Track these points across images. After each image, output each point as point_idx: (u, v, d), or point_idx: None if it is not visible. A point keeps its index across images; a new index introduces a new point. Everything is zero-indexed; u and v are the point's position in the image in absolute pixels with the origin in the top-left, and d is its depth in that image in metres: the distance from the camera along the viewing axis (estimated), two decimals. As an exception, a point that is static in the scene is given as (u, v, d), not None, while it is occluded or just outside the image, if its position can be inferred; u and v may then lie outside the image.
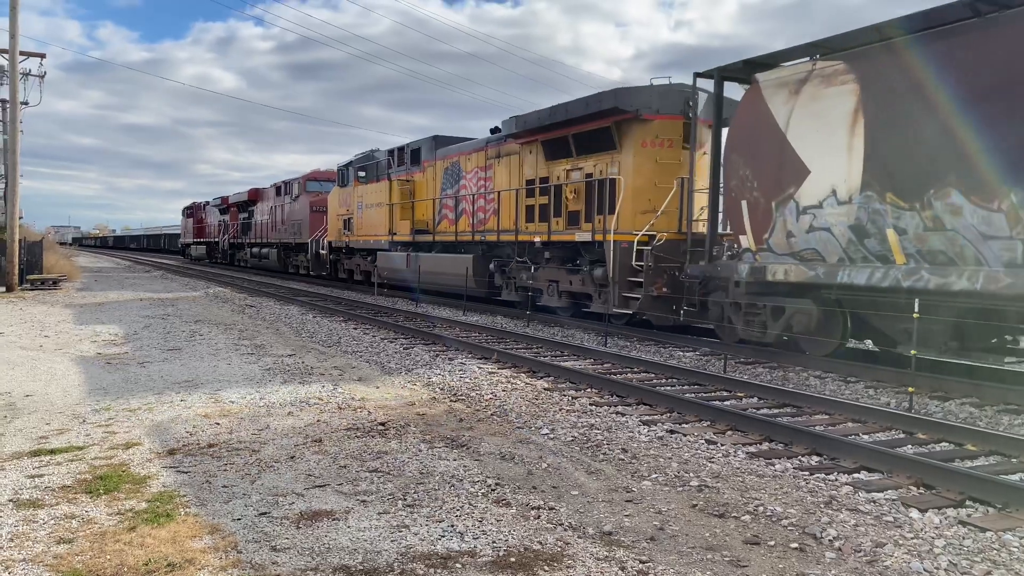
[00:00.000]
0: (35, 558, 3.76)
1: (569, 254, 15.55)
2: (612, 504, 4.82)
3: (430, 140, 21.38)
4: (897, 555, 4.12)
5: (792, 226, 10.44)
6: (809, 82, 10.44)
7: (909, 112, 9.10)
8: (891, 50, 9.47)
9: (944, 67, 8.77)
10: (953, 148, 8.53)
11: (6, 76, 25.63)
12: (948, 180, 8.57)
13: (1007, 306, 8.21)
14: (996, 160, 8.14)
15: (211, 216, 51.18)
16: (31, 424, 6.55)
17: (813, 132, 10.18)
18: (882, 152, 9.32)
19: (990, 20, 8.50)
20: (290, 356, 10.70)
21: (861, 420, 7.45)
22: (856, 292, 9.76)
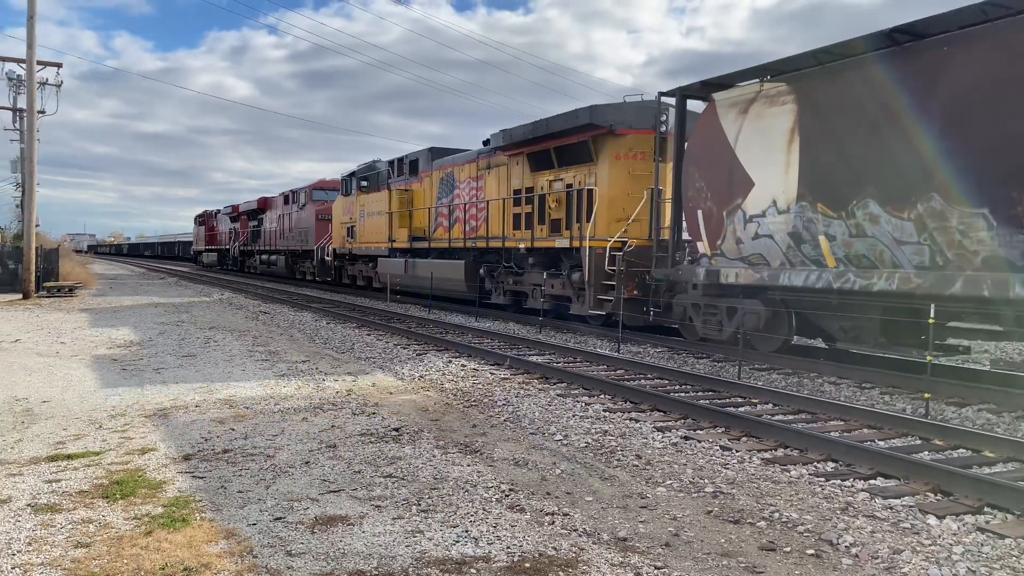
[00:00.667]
0: (53, 562, 3.79)
1: (551, 260, 16.47)
2: (627, 510, 4.80)
3: (427, 152, 22.40)
4: (915, 562, 4.09)
5: (740, 233, 11.38)
6: (756, 102, 11.38)
7: (836, 130, 10.04)
8: (823, 74, 10.47)
9: (864, 91, 9.74)
10: (871, 163, 9.50)
11: (23, 85, 25.92)
12: (867, 192, 9.51)
13: (920, 304, 8.93)
14: (905, 175, 9.09)
15: (222, 224, 52.19)
16: (48, 429, 6.60)
17: (757, 147, 11.09)
18: (814, 166, 10.26)
19: (907, 48, 9.39)
20: (304, 362, 10.74)
21: (877, 426, 7.39)
22: (796, 293, 10.73)
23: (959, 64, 8.74)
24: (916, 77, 9.15)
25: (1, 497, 4.75)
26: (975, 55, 8.62)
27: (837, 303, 10.11)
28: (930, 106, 8.92)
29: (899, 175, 9.19)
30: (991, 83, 8.36)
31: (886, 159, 9.34)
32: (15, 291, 24.08)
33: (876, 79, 9.60)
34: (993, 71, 8.38)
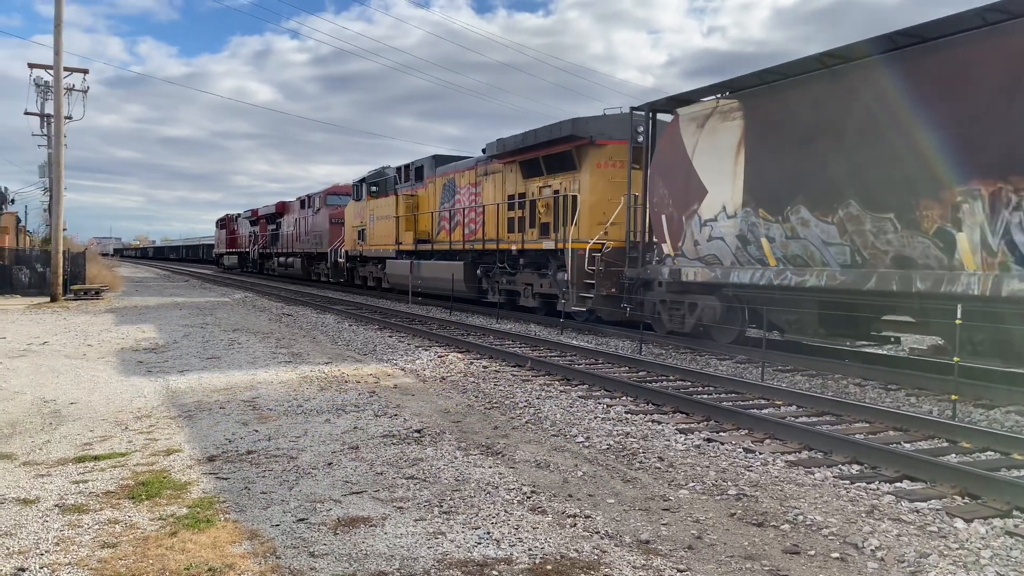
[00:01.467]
0: (80, 562, 3.84)
1: (540, 260, 17.74)
2: (649, 512, 4.78)
3: (431, 159, 23.77)
4: (942, 566, 4.03)
5: (697, 236, 12.57)
6: (712, 117, 12.53)
7: (775, 143, 11.18)
8: (767, 92, 11.55)
9: (798, 107, 10.94)
10: (802, 173, 10.61)
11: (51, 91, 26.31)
12: (799, 199, 10.61)
13: (843, 299, 10.21)
14: (829, 183, 10.16)
15: (242, 227, 53.66)
16: (75, 431, 6.68)
17: (711, 158, 12.25)
18: (756, 175, 11.38)
19: (834, 71, 10.45)
20: (327, 364, 10.80)
21: (903, 428, 7.31)
22: (745, 289, 11.89)
23: (871, 86, 9.83)
24: (838, 96, 10.30)
25: (29, 498, 4.82)
26: (882, 79, 9.69)
27: (780, 298, 11.23)
28: (848, 122, 10.06)
29: (824, 183, 10.25)
30: (894, 104, 9.47)
31: (814, 169, 10.41)
32: (43, 294, 24.43)
33: (807, 97, 10.81)
34: (896, 93, 9.49)
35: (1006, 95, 8.27)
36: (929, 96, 9.09)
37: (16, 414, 7.34)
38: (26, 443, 6.23)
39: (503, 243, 18.89)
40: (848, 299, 10.24)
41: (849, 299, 10.23)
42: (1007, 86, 8.27)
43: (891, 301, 9.85)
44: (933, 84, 9.11)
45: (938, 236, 8.94)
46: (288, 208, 41.86)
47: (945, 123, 8.82)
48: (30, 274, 26.75)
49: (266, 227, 46.45)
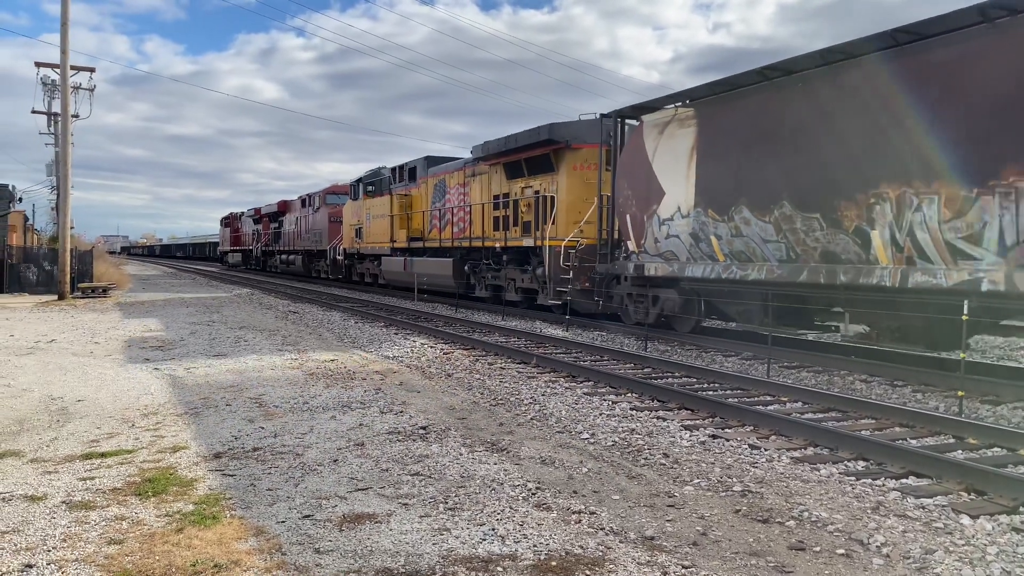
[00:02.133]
0: (87, 558, 3.86)
1: (522, 257, 18.69)
2: (654, 509, 4.78)
3: (424, 160, 24.62)
4: (948, 562, 4.03)
5: (657, 234, 13.54)
6: (671, 124, 13.47)
7: (721, 149, 12.17)
8: (716, 102, 12.57)
9: (740, 116, 11.89)
10: (744, 177, 11.53)
11: (58, 90, 26.39)
12: (742, 200, 11.53)
13: (780, 291, 11.15)
14: (767, 186, 11.10)
15: (246, 226, 54.61)
16: (83, 428, 6.71)
17: (668, 162, 13.20)
18: (706, 178, 12.35)
19: (774, 83, 11.33)
20: (332, 361, 10.82)
21: (909, 424, 7.29)
22: (699, 282, 12.86)
23: (802, 97, 10.87)
24: (775, 106, 11.25)
25: (37, 494, 4.85)
26: (811, 91, 10.70)
27: (728, 290, 12.42)
28: (782, 130, 11.02)
29: (762, 186, 11.19)
30: (819, 115, 10.45)
31: (754, 173, 11.37)
32: (51, 292, 24.55)
33: (750, 107, 11.75)
34: (821, 106, 10.49)
35: (909, 109, 9.23)
36: (847, 108, 10.08)
37: (24, 411, 7.38)
38: (34, 440, 6.27)
39: (488, 241, 19.80)
40: (786, 291, 11.16)
41: (787, 291, 11.14)
42: (910, 101, 9.23)
43: (821, 292, 10.72)
44: (851, 98, 10.07)
45: (856, 234, 9.87)
46: (290, 207, 42.80)
47: (860, 132, 9.83)
48: (38, 272, 26.87)
49: (268, 225, 47.43)
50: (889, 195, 9.38)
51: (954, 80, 8.78)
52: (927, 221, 8.97)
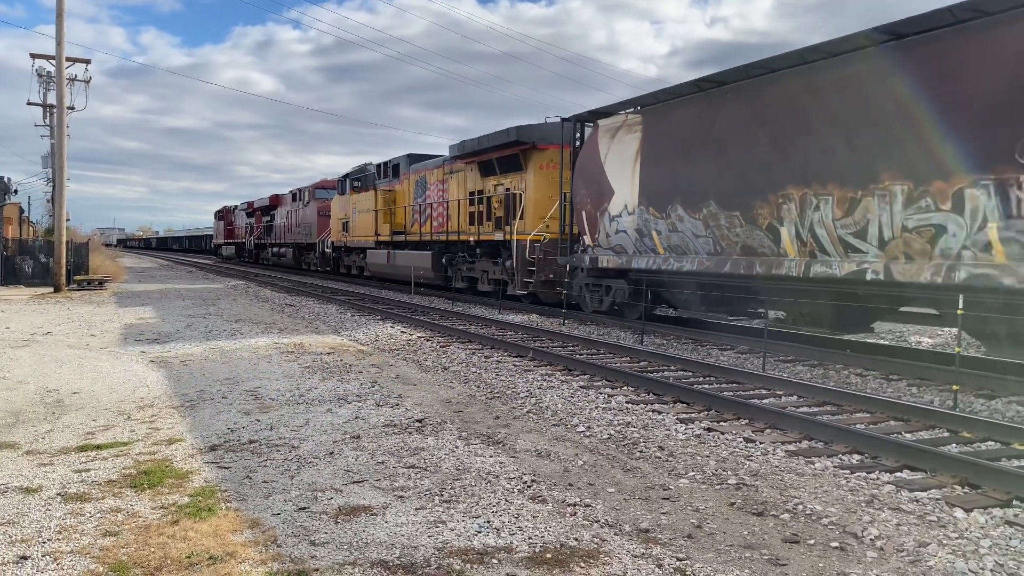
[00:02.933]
0: (82, 550, 3.86)
1: (494, 250, 19.86)
2: (649, 502, 4.80)
3: (406, 157, 25.79)
4: (941, 555, 4.04)
5: (608, 229, 14.78)
6: (621, 129, 14.62)
7: (661, 153, 13.43)
8: (660, 109, 13.83)
9: (676, 123, 13.23)
10: (679, 178, 12.80)
11: (53, 81, 26.27)
12: (677, 199, 12.83)
13: (710, 280, 12.50)
14: (697, 186, 12.31)
15: (239, 219, 55.57)
16: (78, 420, 6.71)
17: (618, 164, 14.39)
18: (648, 179, 13.62)
19: (708, 93, 12.51)
20: (329, 355, 10.82)
21: (904, 418, 7.32)
22: (644, 273, 14.01)
23: (725, 107, 12.05)
24: (704, 115, 12.42)
25: (32, 486, 4.84)
26: (735, 103, 11.83)
27: (668, 280, 13.68)
28: (709, 137, 12.17)
29: (694, 186, 12.39)
30: (740, 124, 11.63)
31: (688, 175, 12.56)
32: (47, 284, 24.49)
33: (685, 115, 12.98)
34: (742, 115, 11.64)
35: (809, 121, 10.50)
36: (762, 118, 11.28)
37: (19, 403, 7.37)
38: (29, 432, 6.26)
39: (464, 235, 21.06)
40: (715, 280, 12.40)
41: (716, 280, 12.37)
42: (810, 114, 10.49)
43: (742, 282, 11.91)
44: (765, 109, 11.27)
45: (769, 230, 11.09)
46: (281, 201, 43.72)
47: (771, 140, 11.02)
48: (34, 264, 26.80)
49: (261, 219, 48.30)
50: (794, 196, 10.62)
51: (843, 97, 10.01)
52: (824, 219, 10.23)
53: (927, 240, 8.98)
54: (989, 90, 8.29)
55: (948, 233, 8.74)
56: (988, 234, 8.33)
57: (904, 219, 9.17)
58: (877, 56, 9.69)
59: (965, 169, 8.50)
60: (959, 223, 8.62)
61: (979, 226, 8.41)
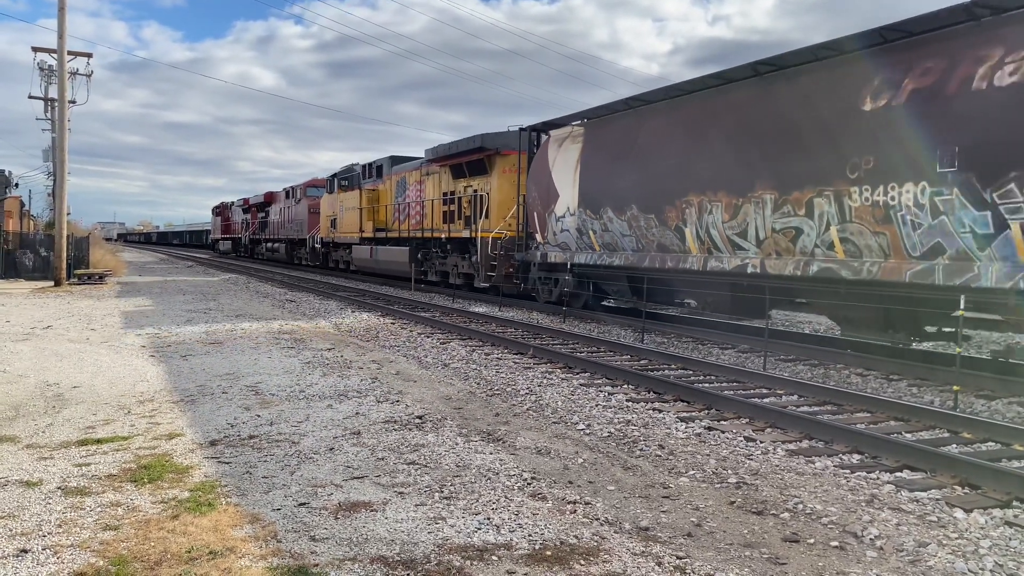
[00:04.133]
0: (82, 544, 3.86)
1: (463, 247, 21.37)
2: (649, 500, 4.80)
3: (389, 159, 27.33)
4: (941, 555, 4.04)
5: (554, 228, 16.60)
6: (567, 139, 16.43)
7: (596, 162, 15.17)
8: (598, 123, 15.77)
9: (609, 136, 15.10)
10: (609, 184, 14.58)
11: (55, 75, 26.25)
12: (608, 203, 14.62)
13: (636, 273, 14.12)
14: (622, 192, 14.16)
15: (236, 215, 57.29)
16: (78, 414, 6.71)
17: (562, 171, 16.20)
18: (586, 184, 15.36)
19: (638, 111, 14.38)
20: (329, 350, 10.82)
21: (904, 418, 7.31)
22: (584, 267, 15.82)
23: (646, 124, 13.93)
24: (630, 129, 14.34)
25: (32, 480, 4.84)
26: (652, 119, 13.87)
27: (604, 274, 15.46)
28: (631, 150, 14.05)
29: (621, 192, 14.18)
30: (656, 138, 13.58)
31: (616, 182, 14.35)
32: (47, 278, 24.49)
33: (616, 129, 14.87)
34: (657, 131, 13.61)
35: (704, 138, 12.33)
36: (672, 134, 13.24)
37: (19, 397, 7.37)
38: (29, 426, 6.26)
39: (437, 232, 22.66)
40: (640, 274, 13.92)
41: (640, 274, 13.88)
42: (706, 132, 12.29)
43: (660, 275, 13.59)
44: (675, 126, 13.25)
45: (676, 231, 12.92)
46: (275, 198, 45.22)
47: (678, 153, 12.90)
48: (34, 258, 26.81)
49: (256, 215, 49.80)
50: (694, 202, 12.41)
51: (731, 119, 11.86)
52: (716, 222, 11.99)
53: (790, 240, 10.79)
54: (825, 120, 10.17)
55: (804, 234, 10.52)
56: (831, 235, 10.13)
57: (773, 222, 10.98)
58: (755, 85, 11.66)
59: (813, 182, 10.28)
60: (811, 226, 10.38)
61: (825, 228, 10.19)
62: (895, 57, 9.58)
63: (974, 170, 8.37)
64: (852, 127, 9.75)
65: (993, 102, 8.25)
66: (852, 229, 9.78)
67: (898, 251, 9.31)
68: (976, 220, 8.40)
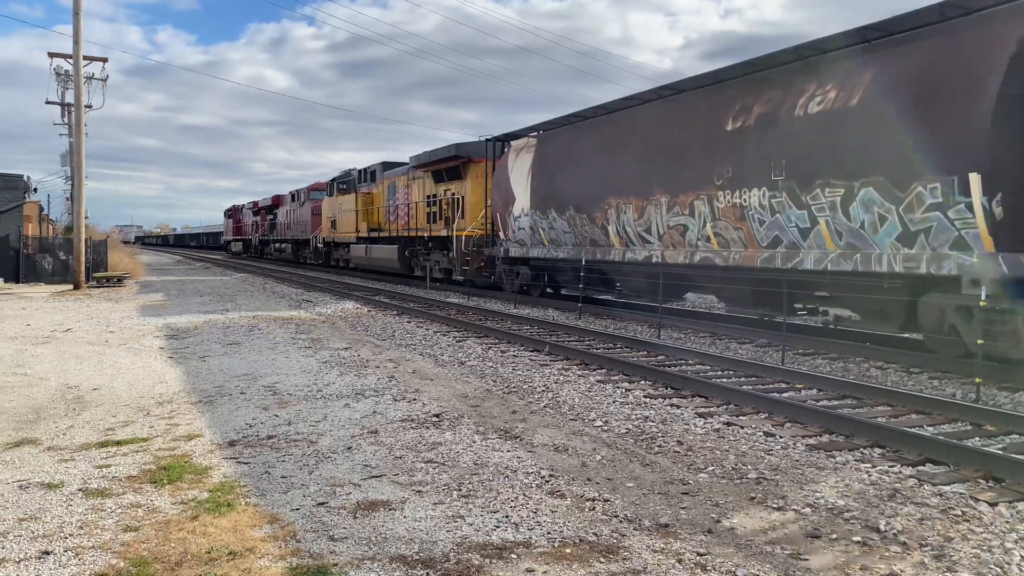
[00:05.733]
0: (103, 545, 3.88)
1: (443, 244, 23.71)
2: (668, 496, 4.77)
3: (381, 164, 30.17)
4: (966, 550, 3.99)
5: (513, 227, 19.05)
6: (524, 149, 18.95)
7: (545, 169, 17.64)
8: (546, 136, 18.43)
9: (553, 147, 17.65)
10: (552, 189, 17.15)
11: (71, 80, 26.46)
12: (552, 204, 17.15)
13: (576, 265, 16.31)
14: (563, 196, 16.73)
15: (246, 217, 60.46)
16: (98, 416, 6.76)
17: (518, 177, 18.61)
18: (536, 189, 17.85)
19: (575, 126, 17.10)
20: (346, 349, 10.84)
21: (925, 411, 7.23)
22: (537, 260, 18.45)
23: (581, 137, 16.55)
24: (569, 142, 16.98)
25: (54, 482, 4.88)
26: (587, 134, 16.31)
27: (552, 266, 18.04)
28: (569, 159, 16.75)
29: (562, 195, 16.74)
30: (588, 150, 16.00)
31: (559, 186, 16.87)
32: (66, 282, 24.69)
33: (559, 141, 17.56)
34: (590, 144, 16.03)
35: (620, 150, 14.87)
36: (599, 147, 15.59)
37: (41, 400, 7.43)
38: (50, 428, 6.31)
39: (421, 231, 25.16)
40: (579, 266, 16.13)
41: (578, 265, 16.17)
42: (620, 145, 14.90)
43: (594, 265, 16.02)
44: (601, 140, 15.60)
45: (603, 228, 15.41)
46: (282, 201, 47.91)
47: (602, 163, 15.34)
48: (53, 262, 27.04)
49: (265, 217, 52.76)
50: (614, 204, 14.92)
51: (637, 136, 14.49)
52: (629, 220, 14.52)
53: (680, 234, 13.31)
54: (701, 137, 12.64)
55: (689, 230, 12.99)
56: (707, 230, 12.54)
57: (667, 220, 13.52)
58: (657, 108, 14.43)
59: (693, 187, 12.73)
60: (694, 223, 12.86)
61: (703, 225, 12.60)
62: (751, 87, 11.95)
63: (795, 178, 10.67)
64: (718, 143, 12.12)
65: (806, 125, 10.53)
66: (721, 225, 12.22)
67: (752, 242, 11.70)
68: (799, 217, 10.74)
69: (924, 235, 9.12)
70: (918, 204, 9.10)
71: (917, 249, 9.21)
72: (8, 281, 25.53)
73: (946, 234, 8.86)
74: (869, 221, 9.71)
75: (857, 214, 9.84)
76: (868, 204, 9.68)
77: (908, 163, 9.13)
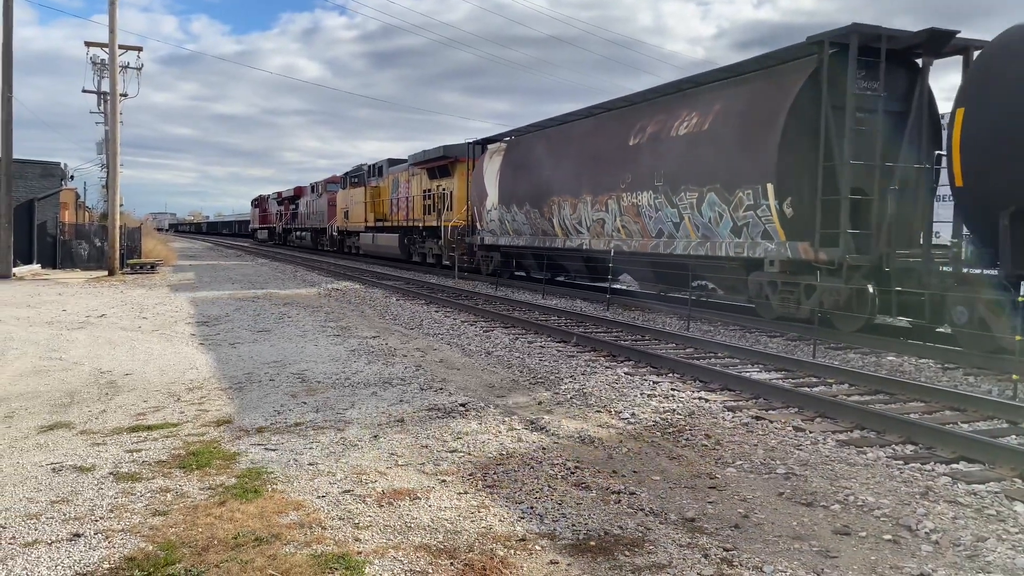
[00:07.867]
0: (132, 529, 3.93)
1: (435, 233, 27.05)
2: (695, 490, 4.72)
3: (387, 161, 33.81)
4: (1000, 550, 3.90)
5: (487, 219, 22.42)
6: (496, 152, 22.20)
7: (509, 170, 20.86)
8: (514, 142, 21.62)
9: (517, 152, 20.91)
10: (514, 187, 20.44)
11: (107, 69, 26.80)
12: (514, 200, 20.41)
13: (534, 251, 20.07)
14: (517, 194, 20.17)
15: (271, 207, 64.40)
16: (130, 401, 6.85)
17: (490, 176, 21.92)
18: (503, 187, 21.12)
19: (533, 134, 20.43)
20: (374, 338, 10.89)
21: (960, 408, 7.09)
22: (506, 248, 21.88)
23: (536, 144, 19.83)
24: (527, 147, 20.34)
25: (86, 465, 4.95)
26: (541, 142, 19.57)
27: (517, 252, 21.50)
28: (528, 162, 19.92)
29: (521, 192, 20.01)
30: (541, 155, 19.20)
31: (519, 184, 20.17)
32: (101, 268, 25.11)
33: (522, 147, 20.75)
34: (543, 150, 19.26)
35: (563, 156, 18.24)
36: (548, 153, 18.90)
37: (75, 384, 7.56)
38: (83, 412, 6.41)
39: (417, 222, 28.91)
40: (536, 252, 19.80)
41: (537, 252, 19.80)
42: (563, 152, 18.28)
43: (545, 252, 19.37)
44: (551, 147, 18.93)
45: (549, 221, 18.69)
46: (303, 192, 52.13)
47: (550, 167, 18.59)
48: (89, 248, 27.50)
49: (288, 207, 56.66)
50: (556, 200, 18.22)
51: (574, 145, 17.88)
52: (567, 215, 17.84)
53: (600, 227, 16.58)
54: (612, 149, 16.03)
55: (607, 223, 16.26)
56: (618, 224, 15.92)
57: (592, 215, 16.79)
58: (588, 123, 17.81)
59: (607, 189, 16.12)
60: (609, 217, 16.16)
61: (615, 219, 15.99)
62: (648, 110, 15.43)
63: (669, 184, 14.10)
64: (624, 155, 15.52)
65: (678, 144, 13.96)
66: (626, 220, 15.62)
67: (646, 233, 15.18)
68: (672, 215, 14.18)
69: (746, 228, 12.50)
70: (740, 205, 12.45)
71: (742, 238, 12.64)
72: (45, 267, 26.01)
73: (757, 228, 12.28)
74: (713, 218, 13.14)
75: (706, 212, 13.25)
76: (712, 205, 13.09)
77: (735, 174, 12.47)
